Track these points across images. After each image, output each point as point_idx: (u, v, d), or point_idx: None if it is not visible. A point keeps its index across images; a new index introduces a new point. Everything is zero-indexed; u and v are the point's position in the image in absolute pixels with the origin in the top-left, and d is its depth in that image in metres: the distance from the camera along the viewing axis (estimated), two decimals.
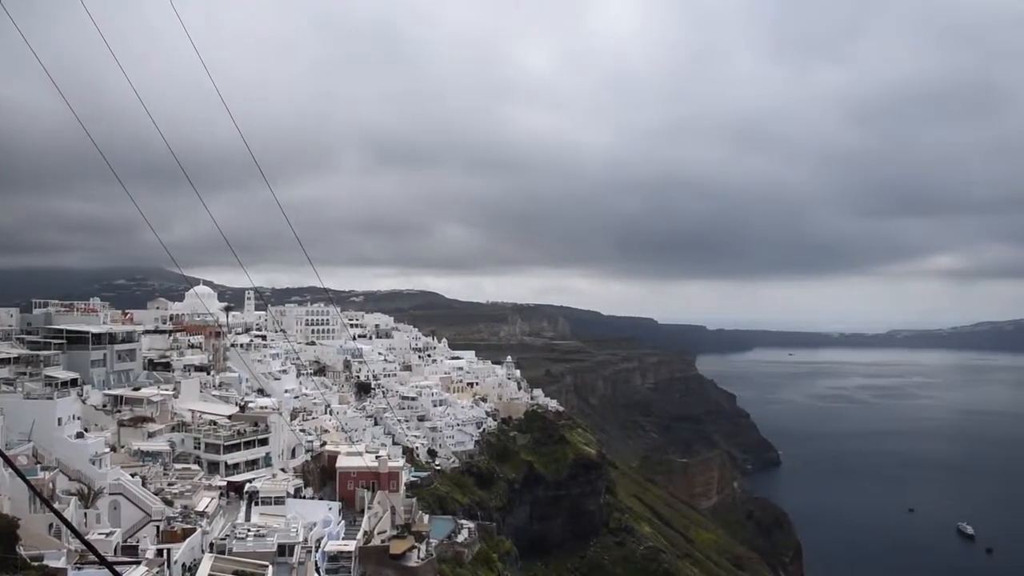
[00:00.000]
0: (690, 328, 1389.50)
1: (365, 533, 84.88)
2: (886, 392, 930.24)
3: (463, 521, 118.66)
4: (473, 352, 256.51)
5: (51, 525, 55.60)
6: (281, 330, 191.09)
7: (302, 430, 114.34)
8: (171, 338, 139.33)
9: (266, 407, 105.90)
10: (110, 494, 64.59)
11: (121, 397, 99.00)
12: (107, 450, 72.21)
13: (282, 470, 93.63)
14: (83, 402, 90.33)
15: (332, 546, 71.52)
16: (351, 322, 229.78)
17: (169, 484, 74.16)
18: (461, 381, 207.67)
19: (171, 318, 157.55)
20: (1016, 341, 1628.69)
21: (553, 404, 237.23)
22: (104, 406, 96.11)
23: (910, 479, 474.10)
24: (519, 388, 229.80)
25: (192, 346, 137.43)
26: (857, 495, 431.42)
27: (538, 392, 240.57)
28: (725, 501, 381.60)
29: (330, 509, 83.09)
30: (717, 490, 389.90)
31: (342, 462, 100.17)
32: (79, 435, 72.43)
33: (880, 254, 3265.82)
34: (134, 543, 57.24)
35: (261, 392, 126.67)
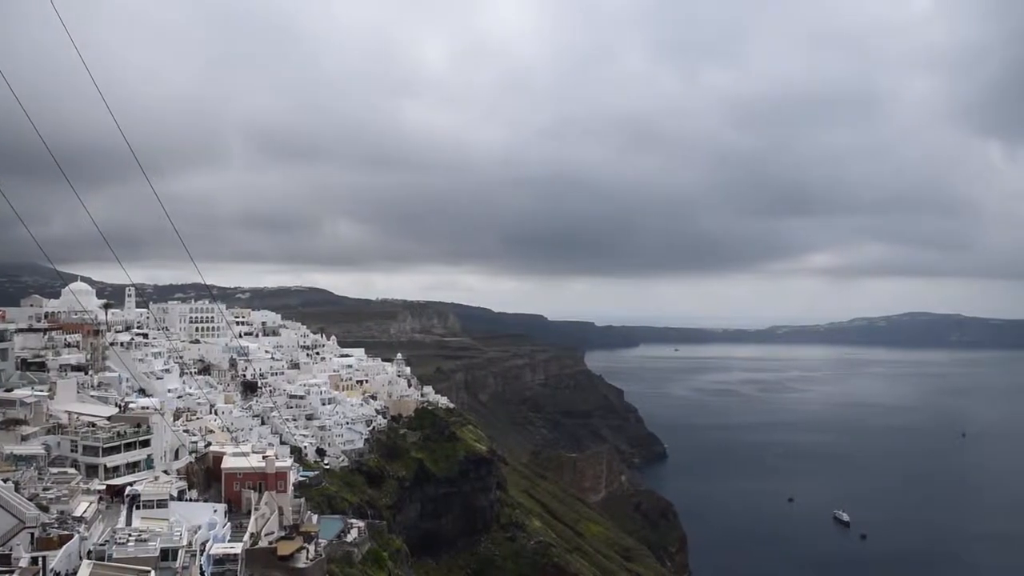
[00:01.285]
0: (579, 324, 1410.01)
1: (252, 535, 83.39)
2: (767, 386, 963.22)
3: (353, 520, 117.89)
4: (363, 349, 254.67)
5: None
6: (163, 328, 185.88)
7: (186, 431, 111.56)
8: (46, 337, 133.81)
9: (147, 407, 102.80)
10: None
11: None
12: None
13: (165, 472, 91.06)
14: None
15: (218, 549, 70.00)
16: (237, 319, 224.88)
17: (44, 489, 71.13)
18: (350, 379, 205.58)
19: (46, 316, 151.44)
20: (889, 336, 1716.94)
21: (444, 401, 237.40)
22: None
23: (790, 470, 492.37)
24: (409, 385, 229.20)
25: (69, 345, 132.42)
26: (740, 486, 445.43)
27: (428, 389, 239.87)
28: (613, 494, 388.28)
29: (215, 511, 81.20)
30: (606, 484, 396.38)
31: (228, 463, 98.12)
32: None
33: (762, 252, 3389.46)
34: (7, 551, 54.94)
35: (142, 392, 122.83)
